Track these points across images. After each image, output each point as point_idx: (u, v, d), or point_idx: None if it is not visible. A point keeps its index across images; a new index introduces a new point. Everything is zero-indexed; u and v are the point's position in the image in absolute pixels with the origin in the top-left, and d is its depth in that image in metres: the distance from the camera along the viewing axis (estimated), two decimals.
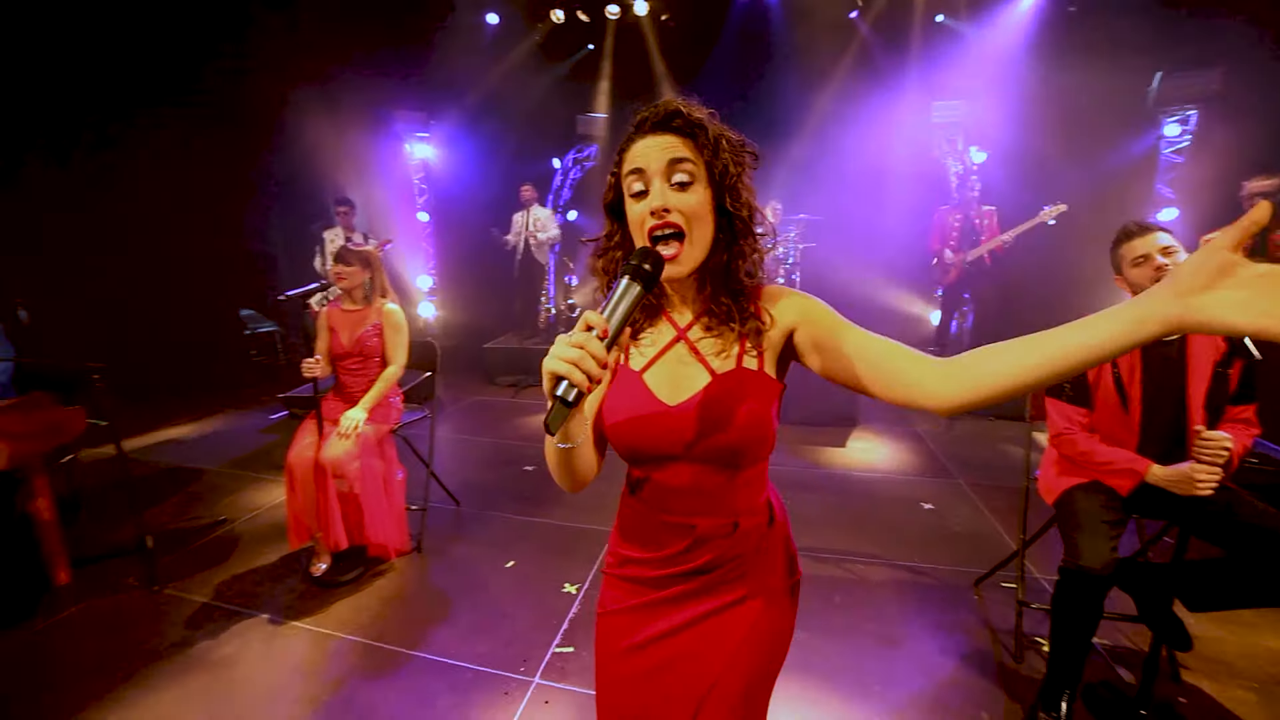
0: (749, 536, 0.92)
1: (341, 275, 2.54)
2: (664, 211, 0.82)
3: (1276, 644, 2.15)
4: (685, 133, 0.84)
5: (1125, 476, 1.74)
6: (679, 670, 0.91)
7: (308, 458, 2.41)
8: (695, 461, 0.87)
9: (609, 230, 0.95)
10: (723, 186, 0.85)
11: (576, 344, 0.69)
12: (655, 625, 0.93)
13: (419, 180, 6.71)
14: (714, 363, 0.88)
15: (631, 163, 0.85)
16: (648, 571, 0.93)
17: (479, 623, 2.24)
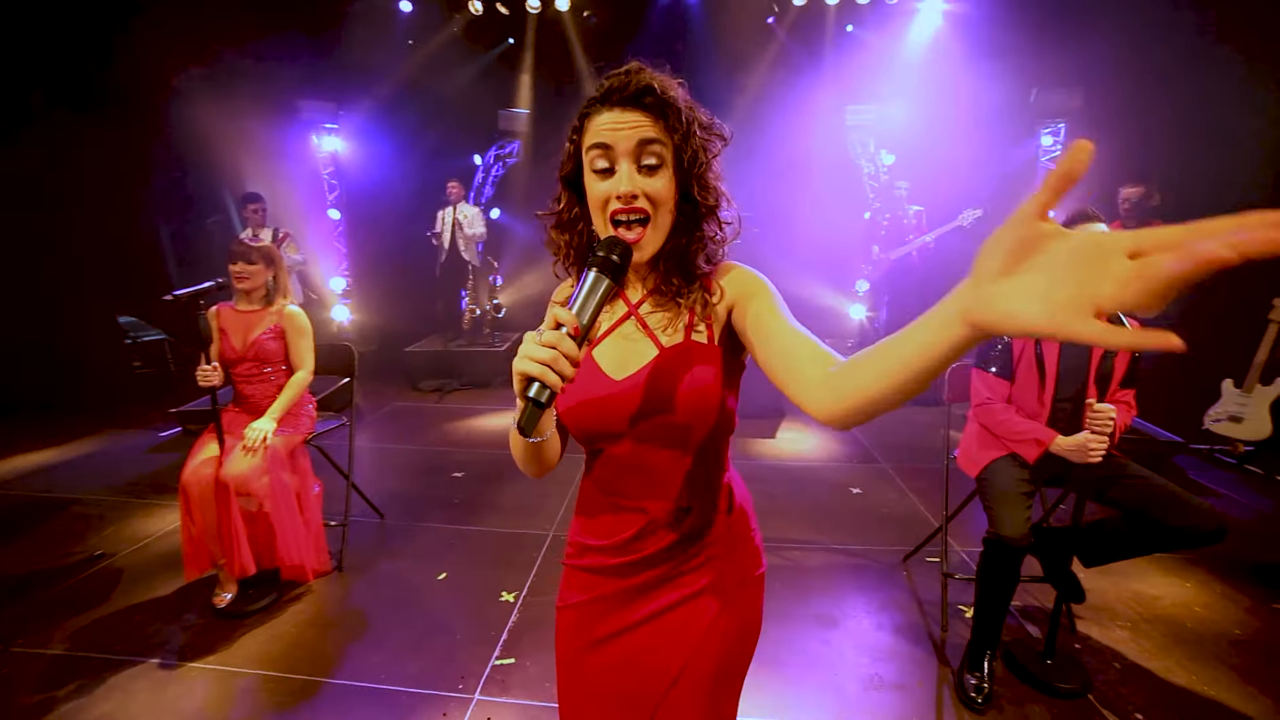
0: (704, 523, 0.89)
1: (243, 275, 2.29)
2: (631, 197, 0.77)
3: (1141, 586, 2.44)
4: (656, 112, 0.78)
5: (1033, 446, 1.87)
6: (642, 664, 0.88)
7: (206, 475, 2.16)
8: (643, 440, 0.83)
9: (566, 203, 0.88)
10: (690, 173, 0.80)
11: (548, 343, 0.64)
12: (617, 618, 0.90)
13: (328, 175, 6.24)
14: (662, 337, 0.85)
15: (596, 136, 0.78)
16: (606, 560, 0.89)
17: (411, 641, 2.08)
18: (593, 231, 0.86)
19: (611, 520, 0.89)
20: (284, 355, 2.36)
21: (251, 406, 2.36)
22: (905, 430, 4.37)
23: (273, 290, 2.36)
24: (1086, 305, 0.38)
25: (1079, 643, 2.11)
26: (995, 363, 1.97)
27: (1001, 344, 1.97)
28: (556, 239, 0.90)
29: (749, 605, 0.94)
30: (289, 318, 2.34)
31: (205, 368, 2.17)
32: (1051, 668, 1.92)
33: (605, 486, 0.89)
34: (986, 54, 5.39)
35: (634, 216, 0.78)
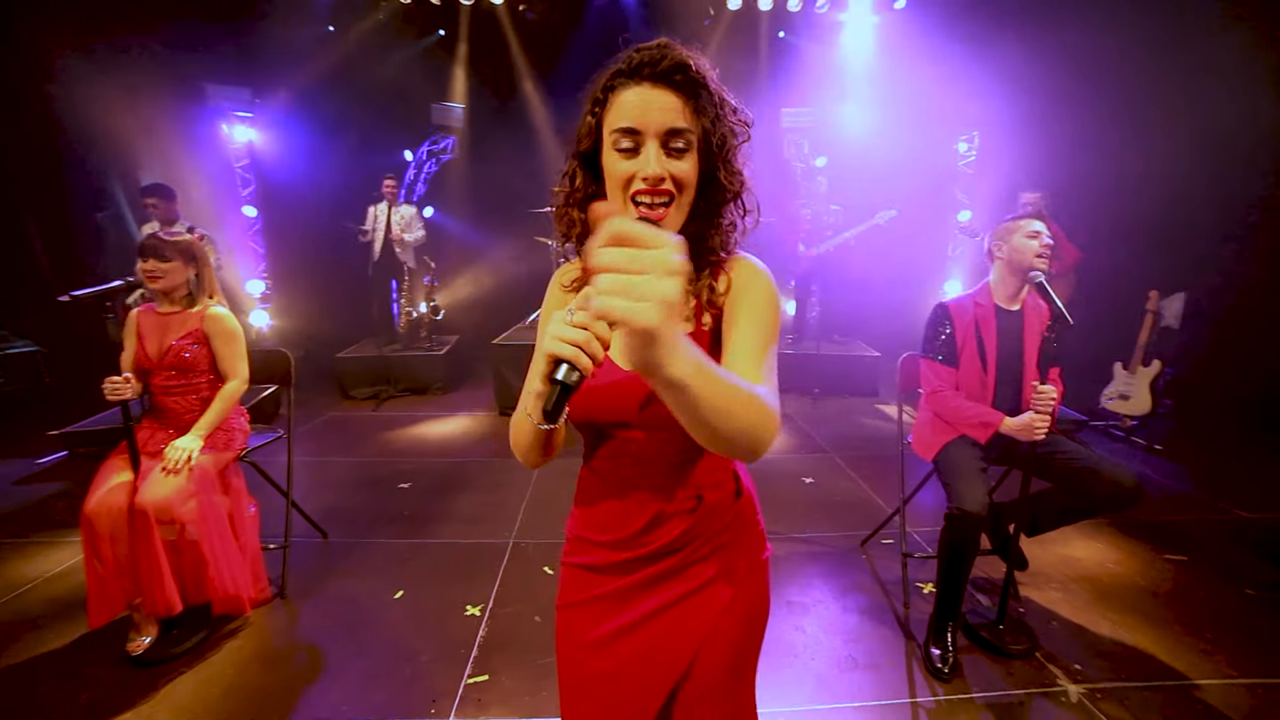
0: (714, 511, 0.87)
1: (156, 274, 2.03)
2: (659, 180, 0.74)
3: (1069, 552, 2.68)
4: (688, 92, 0.75)
5: (984, 428, 2.00)
6: (649, 662, 0.85)
7: (117, 504, 1.89)
8: (654, 429, 0.81)
9: (580, 181, 0.83)
10: (717, 157, 0.78)
11: (581, 324, 0.59)
12: (620, 615, 0.86)
13: (242, 168, 5.71)
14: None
15: (624, 118, 0.74)
16: (609, 556, 0.86)
17: (372, 669, 1.93)
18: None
19: (619, 512, 0.85)
20: (209, 363, 2.12)
21: (173, 421, 2.11)
22: (844, 421, 4.57)
23: (196, 290, 2.12)
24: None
25: (1022, 607, 2.28)
26: (941, 351, 2.09)
27: (946, 333, 2.09)
28: (569, 216, 0.84)
29: (758, 590, 0.92)
30: (212, 320, 2.10)
31: (115, 379, 1.91)
32: (1004, 632, 2.06)
33: (611, 477, 0.86)
34: (910, 64, 5.75)
35: (659, 200, 0.75)
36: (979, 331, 2.03)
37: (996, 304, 2.06)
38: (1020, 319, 2.05)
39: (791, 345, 5.50)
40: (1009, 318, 2.05)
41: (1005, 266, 2.03)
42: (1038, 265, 1.93)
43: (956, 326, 2.06)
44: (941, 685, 1.88)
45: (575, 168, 0.83)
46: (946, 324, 2.08)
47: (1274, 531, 2.86)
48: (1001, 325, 2.04)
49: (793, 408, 4.87)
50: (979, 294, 2.09)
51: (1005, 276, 2.04)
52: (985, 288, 2.09)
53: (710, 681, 0.86)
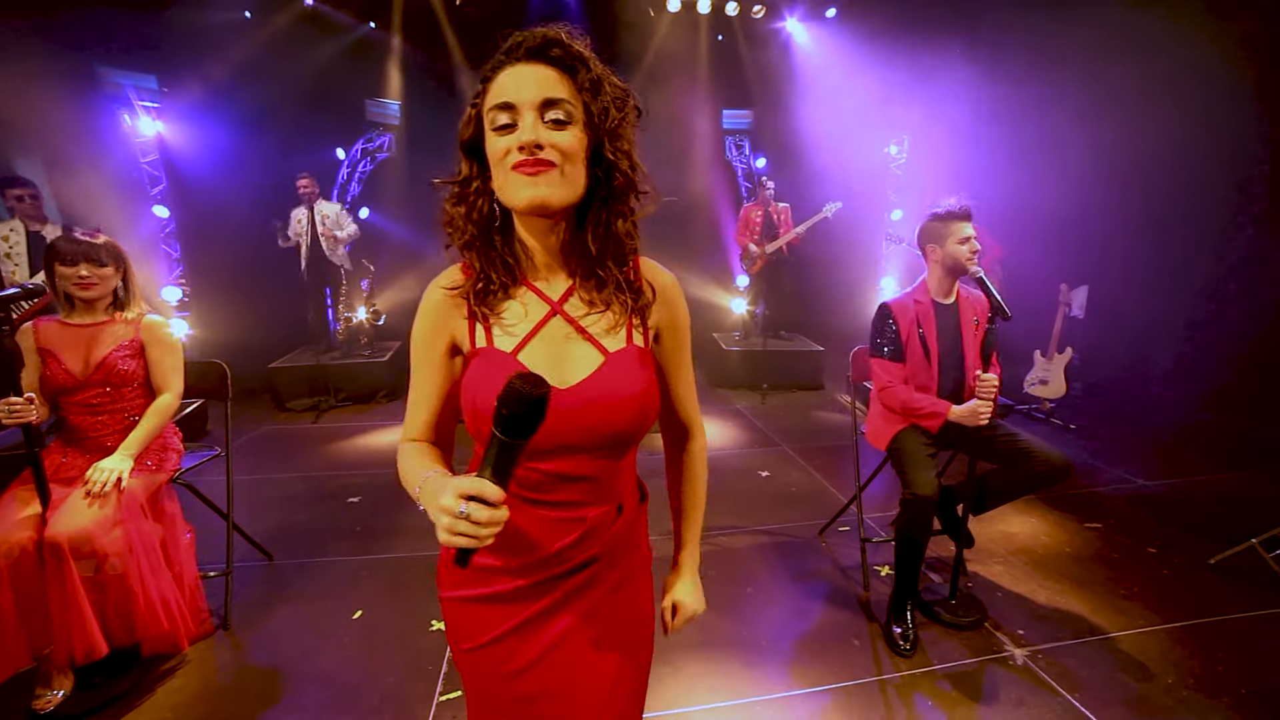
0: (631, 519, 0.87)
1: (89, 281, 1.83)
2: (535, 147, 0.69)
3: (1005, 527, 2.89)
4: (564, 66, 0.72)
5: (934, 418, 2.12)
6: (576, 679, 0.82)
7: (21, 539, 1.66)
8: (588, 449, 0.77)
9: (467, 174, 0.79)
10: (602, 131, 0.73)
11: (480, 521, 0.60)
12: (539, 640, 0.81)
13: (150, 164, 5.23)
14: (605, 341, 0.79)
15: (499, 95, 0.71)
16: (517, 580, 0.79)
17: (333, 697, 1.83)
18: (494, 205, 0.78)
19: (539, 533, 0.79)
20: (144, 377, 1.94)
21: (91, 444, 1.91)
22: (795, 414, 4.73)
23: (123, 296, 1.93)
24: None
25: (970, 582, 2.44)
26: (889, 349, 2.20)
27: (891, 331, 2.20)
28: (452, 213, 0.79)
29: (649, 587, 0.96)
30: (150, 329, 1.93)
31: (15, 400, 1.69)
32: (956, 606, 2.19)
33: (537, 500, 0.79)
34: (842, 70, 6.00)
35: (539, 168, 0.70)
36: (921, 327, 2.15)
37: (934, 300, 2.18)
38: (956, 312, 2.18)
39: (739, 342, 5.63)
40: (946, 312, 2.18)
41: (941, 268, 2.16)
42: (969, 268, 2.08)
43: (900, 324, 2.17)
44: (904, 661, 1.98)
45: (461, 161, 0.79)
46: (890, 322, 2.18)
47: (1166, 497, 3.21)
48: (940, 320, 2.17)
49: (743, 403, 4.98)
50: (917, 291, 2.21)
51: (941, 276, 2.17)
52: (923, 285, 2.21)
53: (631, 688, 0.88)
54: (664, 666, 1.93)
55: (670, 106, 6.29)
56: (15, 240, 3.57)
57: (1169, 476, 3.45)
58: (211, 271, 5.59)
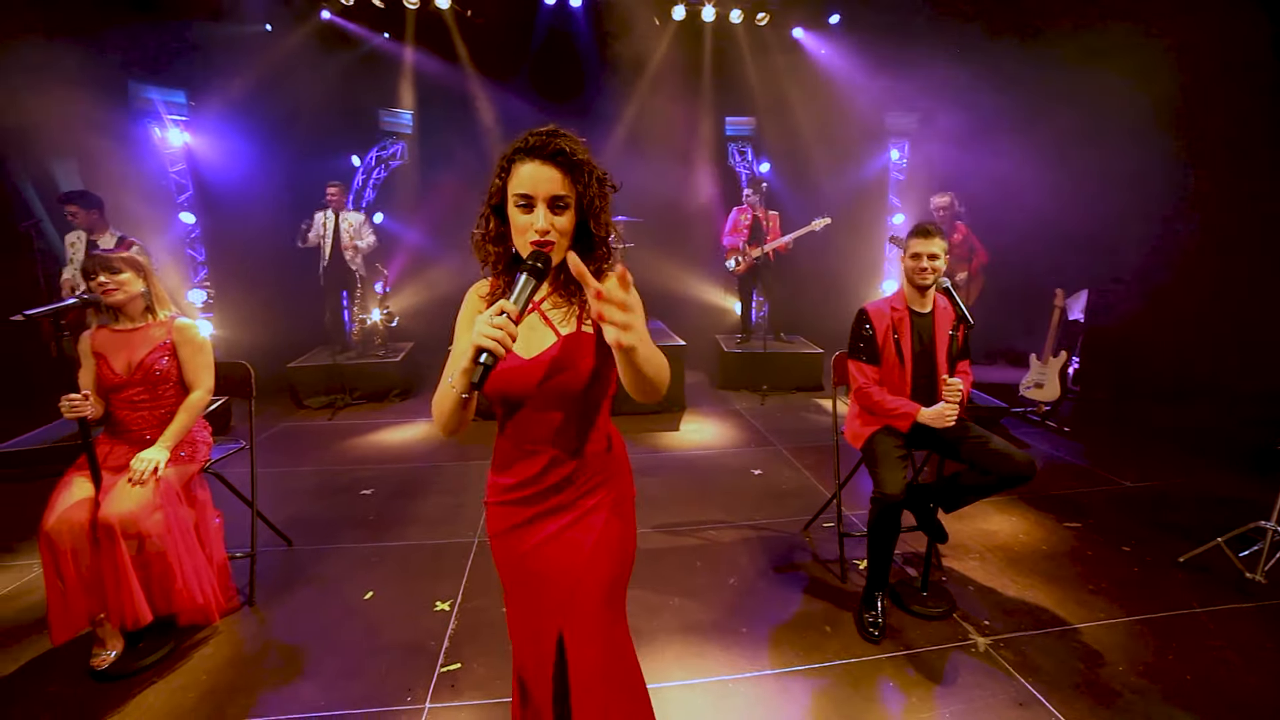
0: (591, 460, 1.19)
1: (110, 287, 2.05)
2: (544, 231, 1.04)
3: (987, 526, 3.01)
4: (567, 168, 1.05)
5: (904, 419, 2.26)
6: (558, 565, 1.18)
7: (79, 520, 1.90)
8: (545, 400, 1.12)
9: (493, 225, 1.15)
10: (589, 212, 1.09)
11: (498, 325, 0.90)
12: (535, 536, 1.19)
13: (178, 173, 5.51)
14: (560, 327, 1.13)
15: (521, 185, 1.05)
16: (520, 493, 1.19)
17: (347, 665, 2.02)
18: (511, 246, 1.13)
19: (523, 462, 1.18)
20: (177, 375, 2.15)
21: (132, 436, 2.13)
22: (790, 415, 4.86)
23: (149, 302, 2.14)
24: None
25: (944, 575, 2.57)
26: (864, 352, 2.35)
27: (867, 335, 2.34)
28: (483, 250, 1.17)
29: (627, 523, 1.26)
30: (181, 331, 2.15)
31: (74, 397, 1.92)
32: (926, 598, 2.33)
33: (517, 437, 1.17)
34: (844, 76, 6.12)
35: (546, 245, 1.05)
36: (896, 332, 2.29)
37: (910, 307, 2.32)
38: (931, 320, 2.32)
39: (740, 344, 5.77)
40: (921, 319, 2.32)
41: (904, 278, 2.32)
42: (917, 281, 2.23)
43: (876, 328, 2.31)
44: (873, 647, 2.12)
45: (489, 215, 1.14)
46: (867, 326, 2.33)
47: (1148, 498, 3.30)
48: (915, 326, 2.31)
49: (743, 404, 5.13)
50: (894, 299, 2.35)
51: (906, 286, 2.33)
52: (900, 293, 2.36)
53: (594, 579, 1.17)
54: (644, 648, 2.10)
55: (674, 113, 6.44)
56: (78, 248, 3.87)
57: (1154, 479, 3.54)
58: (234, 275, 5.86)
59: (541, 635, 1.19)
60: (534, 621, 1.20)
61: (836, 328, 6.35)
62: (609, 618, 1.19)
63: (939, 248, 2.22)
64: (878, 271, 6.84)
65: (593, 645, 1.15)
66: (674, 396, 4.90)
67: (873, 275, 6.82)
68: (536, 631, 1.20)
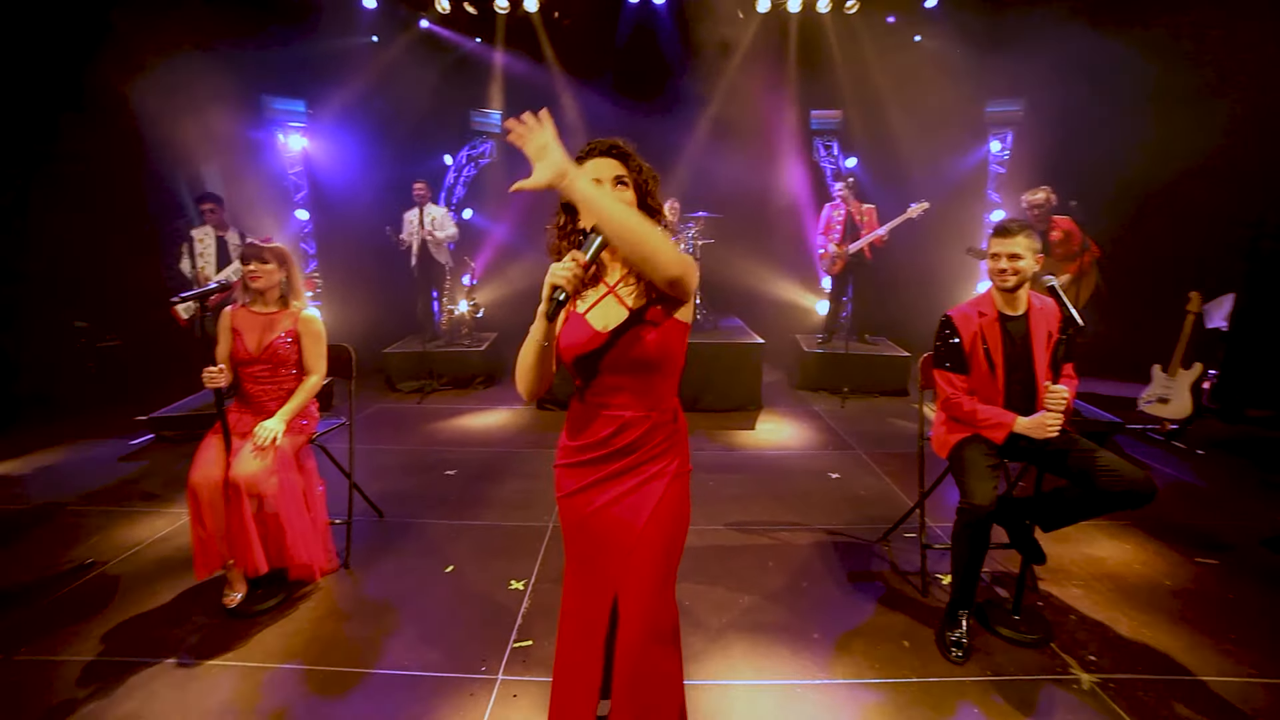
0: (659, 429, 1.31)
1: (255, 274, 2.30)
2: None
3: (1090, 550, 2.73)
4: (621, 158, 1.29)
5: (999, 429, 2.09)
6: (619, 526, 1.29)
7: (215, 477, 2.16)
8: (619, 368, 1.26)
9: (563, 221, 1.34)
10: (643, 191, 1.31)
11: (568, 267, 1.11)
12: (600, 499, 1.31)
13: (295, 174, 6.10)
14: (631, 303, 1.28)
15: (590, 173, 1.24)
16: (588, 455, 1.32)
17: (427, 631, 2.15)
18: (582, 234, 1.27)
19: (594, 423, 1.31)
20: (297, 359, 2.38)
21: (257, 407, 2.38)
22: (873, 419, 4.65)
23: (286, 291, 2.38)
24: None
25: (1041, 600, 2.36)
26: (948, 359, 2.20)
27: (952, 343, 2.18)
28: (557, 244, 1.34)
29: (683, 494, 1.36)
30: (305, 322, 2.38)
31: (212, 369, 2.18)
32: (1019, 622, 2.15)
33: (592, 402, 1.31)
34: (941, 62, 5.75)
35: None
36: (984, 338, 2.12)
37: (1000, 311, 2.15)
38: (1025, 323, 2.13)
39: (821, 345, 5.58)
40: (1013, 323, 2.14)
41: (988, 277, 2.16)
42: (998, 284, 2.06)
43: (963, 335, 2.16)
44: (955, 667, 1.99)
45: (561, 214, 1.34)
46: (952, 334, 2.18)
47: None
48: (1006, 331, 2.13)
49: (821, 406, 4.96)
50: (982, 303, 2.18)
51: (995, 288, 2.16)
52: (988, 297, 2.18)
53: (651, 541, 1.27)
54: (712, 644, 2.09)
55: (757, 108, 6.32)
56: (207, 243, 4.38)
57: None
58: (338, 267, 6.39)
59: (597, 597, 1.30)
60: (591, 582, 1.32)
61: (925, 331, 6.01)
62: (660, 582, 1.27)
63: (1021, 246, 2.04)
64: (973, 273, 6.38)
65: (642, 604, 1.24)
66: (750, 395, 4.81)
67: (967, 277, 6.36)
68: (593, 592, 1.31)
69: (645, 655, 1.23)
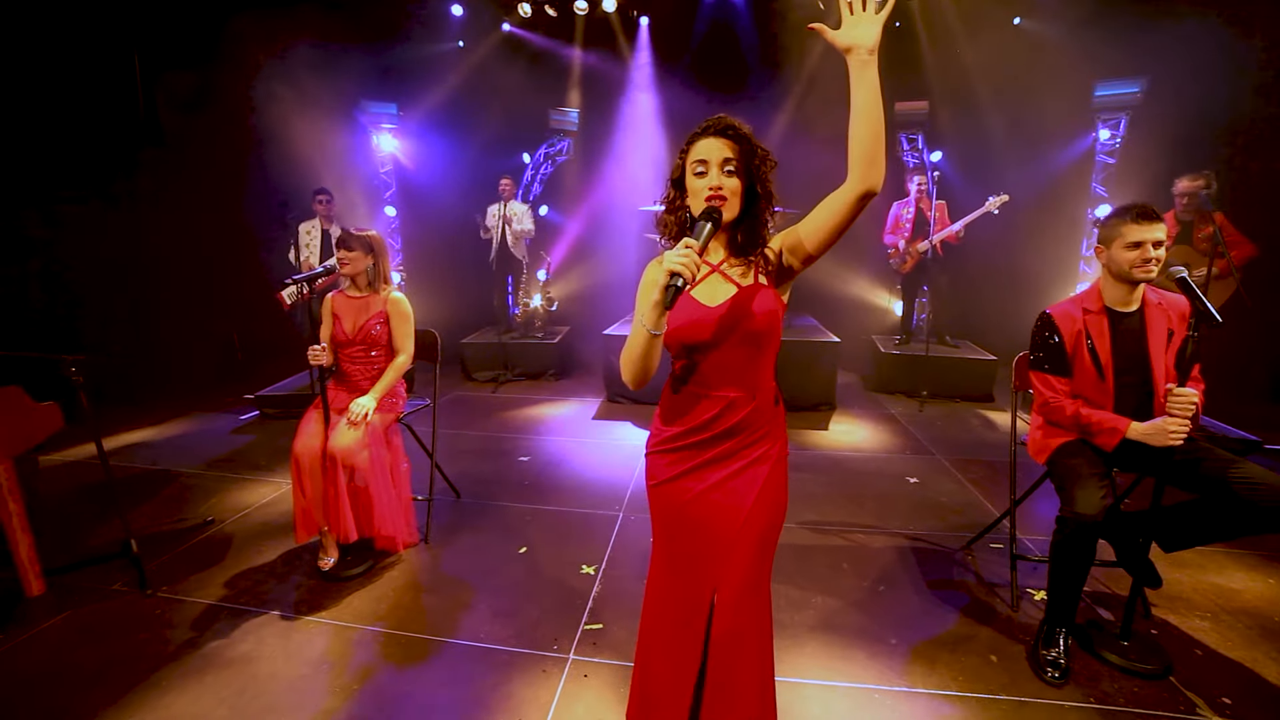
0: (761, 409, 1.28)
1: (344, 260, 2.48)
2: (718, 189, 1.22)
3: (1220, 580, 2.43)
4: (734, 138, 1.23)
5: (1109, 435, 1.91)
6: (721, 515, 1.26)
7: (314, 448, 2.34)
8: (726, 345, 1.23)
9: (672, 197, 1.33)
10: (753, 175, 1.25)
11: (684, 254, 1.08)
12: (699, 484, 1.28)
13: (385, 173, 6.50)
14: (741, 282, 1.26)
15: (698, 155, 1.24)
16: (687, 440, 1.29)
17: (501, 607, 2.23)
18: (689, 213, 1.28)
19: (696, 407, 1.28)
20: (387, 340, 2.54)
21: (351, 384, 2.55)
22: (952, 424, 4.39)
23: (374, 277, 2.54)
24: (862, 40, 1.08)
25: (1155, 628, 2.14)
26: (1049, 361, 2.02)
27: (1053, 343, 2.01)
28: (665, 219, 1.33)
29: (782, 478, 1.33)
30: (394, 304, 2.53)
31: (316, 348, 2.36)
32: (1129, 649, 1.95)
33: (696, 383, 1.27)
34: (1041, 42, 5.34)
35: (719, 200, 1.22)
36: (1090, 337, 1.94)
37: (1108, 307, 1.96)
38: (1140, 319, 1.94)
39: (898, 346, 5.33)
40: (1125, 320, 1.94)
41: (1108, 273, 1.94)
42: (1139, 275, 1.85)
43: (1064, 334, 1.98)
44: (1050, 689, 1.84)
45: (670, 190, 1.33)
46: (1052, 333, 2.01)
47: None
48: (1116, 329, 1.94)
49: (898, 409, 4.74)
50: (1086, 299, 2.00)
51: (1112, 282, 1.95)
52: (1094, 291, 1.99)
53: (752, 531, 1.24)
54: (786, 640, 2.04)
55: (838, 101, 6.10)
56: (314, 235, 4.77)
57: None
58: (421, 260, 6.74)
59: (696, 591, 1.25)
60: (689, 575, 1.27)
61: (1014, 334, 5.64)
62: (759, 574, 1.25)
63: (1164, 233, 1.85)
64: (1071, 273, 5.88)
65: (742, 593, 1.22)
66: (824, 394, 4.67)
67: (1065, 277, 5.87)
68: (691, 586, 1.26)
69: (742, 648, 1.21)
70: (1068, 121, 5.60)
